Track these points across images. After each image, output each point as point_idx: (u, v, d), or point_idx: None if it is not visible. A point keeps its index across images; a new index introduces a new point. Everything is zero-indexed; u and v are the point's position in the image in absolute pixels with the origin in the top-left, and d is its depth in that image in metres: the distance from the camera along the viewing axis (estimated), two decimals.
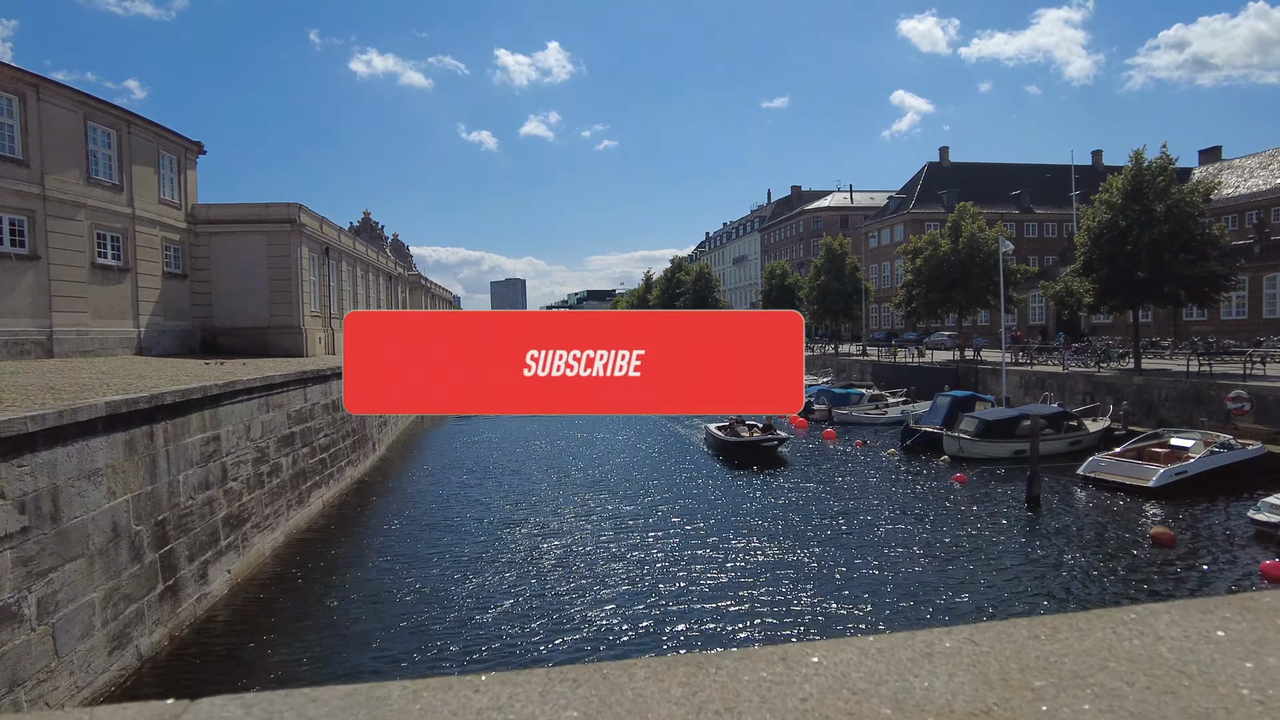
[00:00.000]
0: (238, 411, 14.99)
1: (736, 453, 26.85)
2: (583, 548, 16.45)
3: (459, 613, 12.76)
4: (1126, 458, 21.68)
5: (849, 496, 21.13)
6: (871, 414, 35.27)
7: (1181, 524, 17.46)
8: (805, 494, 21.51)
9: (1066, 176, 59.91)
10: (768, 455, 26.79)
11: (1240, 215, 53.25)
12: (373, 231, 64.02)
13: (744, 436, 27.64)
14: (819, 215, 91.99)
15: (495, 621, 12.42)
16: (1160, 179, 29.16)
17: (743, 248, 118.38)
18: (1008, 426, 25.20)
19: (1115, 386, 29.55)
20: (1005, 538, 17.00)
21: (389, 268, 53.03)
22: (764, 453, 26.76)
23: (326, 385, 21.82)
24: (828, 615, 12.55)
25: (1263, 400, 23.75)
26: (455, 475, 25.08)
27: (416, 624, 12.29)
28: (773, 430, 28.12)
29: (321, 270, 33.69)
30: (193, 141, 28.75)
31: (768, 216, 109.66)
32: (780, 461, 26.60)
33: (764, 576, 14.46)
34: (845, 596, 13.43)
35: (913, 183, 73.73)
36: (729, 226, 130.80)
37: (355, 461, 24.47)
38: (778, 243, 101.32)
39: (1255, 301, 42.21)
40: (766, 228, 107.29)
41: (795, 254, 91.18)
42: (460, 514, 19.81)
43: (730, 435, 27.98)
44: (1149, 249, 28.34)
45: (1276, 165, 55.15)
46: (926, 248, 41.27)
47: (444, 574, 14.88)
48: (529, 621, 12.34)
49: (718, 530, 17.77)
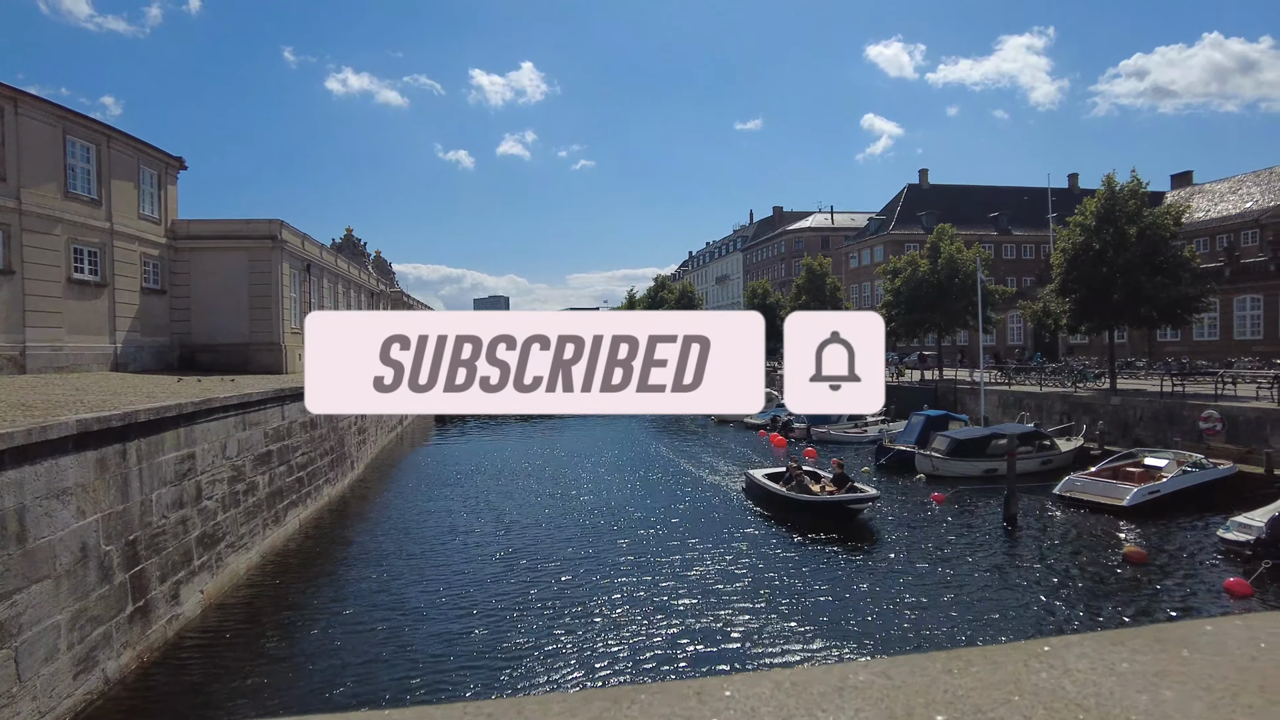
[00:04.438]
0: (213, 429, 14.86)
1: (802, 513, 20.05)
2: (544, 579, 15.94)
3: (423, 642, 12.61)
4: (1101, 477, 21.91)
5: None
6: (851, 432, 35.47)
7: (1154, 543, 17.66)
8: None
9: (1044, 199, 60.87)
10: (848, 520, 19.59)
11: (1212, 238, 54.24)
12: (355, 248, 63.83)
13: (815, 494, 20.46)
14: (800, 236, 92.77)
15: (432, 651, 12.33)
16: (1131, 202, 29.71)
17: (725, 267, 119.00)
18: (979, 445, 25.44)
19: (1091, 406, 29.91)
20: (984, 558, 17.10)
21: (371, 285, 52.88)
22: (845, 516, 19.64)
23: (304, 402, 21.65)
24: (792, 637, 12.56)
25: (1233, 420, 24.12)
26: (435, 498, 24.68)
27: (390, 650, 12.16)
28: (851, 481, 20.88)
29: (303, 287, 33.53)
30: (173, 157, 28.63)
31: (750, 236, 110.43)
32: (865, 534, 19.00)
33: (740, 602, 14.46)
34: (823, 621, 13.45)
35: (893, 204, 74.56)
36: (712, 246, 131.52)
37: (333, 480, 24.26)
38: (760, 262, 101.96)
39: (1226, 323, 42.94)
40: (749, 247, 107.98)
41: (777, 274, 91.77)
42: (438, 538, 19.55)
43: (793, 489, 20.75)
44: (1123, 271, 28.83)
45: (1244, 190, 56.30)
46: (906, 268, 41.71)
47: (419, 599, 14.72)
48: (496, 653, 12.27)
49: (682, 559, 17.73)
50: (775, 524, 20.15)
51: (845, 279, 74.34)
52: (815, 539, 18.49)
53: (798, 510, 20.18)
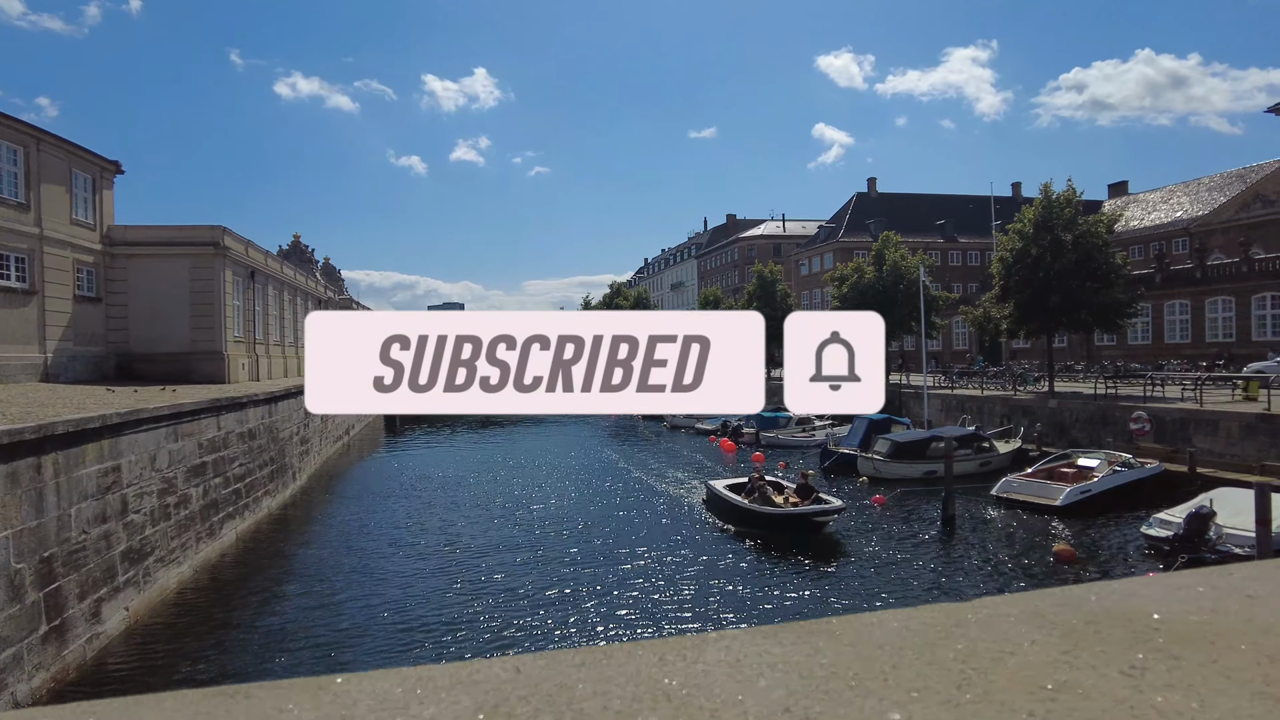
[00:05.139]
0: (142, 441, 14.48)
1: (765, 526, 19.37)
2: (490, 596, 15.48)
3: (362, 659, 12.38)
4: (1037, 478, 22.52)
5: None
6: (799, 436, 35.93)
7: (1084, 541, 18.22)
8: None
9: (988, 207, 62.38)
10: (814, 533, 19.07)
11: (1146, 246, 56.18)
12: (303, 255, 62.89)
13: (779, 505, 19.76)
14: (753, 243, 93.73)
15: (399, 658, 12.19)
16: (1067, 211, 30.64)
17: (680, 274, 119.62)
18: (919, 448, 25.98)
19: (1030, 409, 30.73)
20: (922, 560, 17.45)
21: (319, 292, 52.06)
22: (810, 529, 19.11)
23: (242, 413, 21.25)
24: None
25: (1161, 421, 24.99)
26: (379, 510, 24.22)
27: (326, 669, 11.89)
28: (816, 492, 20.16)
29: (247, 294, 32.88)
30: (109, 161, 27.85)
31: (704, 244, 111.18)
32: (831, 546, 18.65)
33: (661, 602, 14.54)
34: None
35: (842, 212, 75.75)
36: (667, 253, 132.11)
37: (273, 491, 23.79)
38: (714, 269, 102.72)
39: (1158, 327, 44.49)
40: (703, 254, 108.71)
41: (731, 280, 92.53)
42: (380, 551, 19.14)
43: (757, 501, 19.98)
44: (1059, 277, 29.69)
45: (1175, 200, 58.52)
46: (852, 275, 42.45)
47: (358, 614, 14.38)
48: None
49: (639, 579, 17.76)
50: (736, 538, 19.44)
51: (796, 286, 75.28)
52: (774, 554, 17.88)
53: (761, 524, 19.44)
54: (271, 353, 37.14)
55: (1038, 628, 1.36)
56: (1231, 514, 15.78)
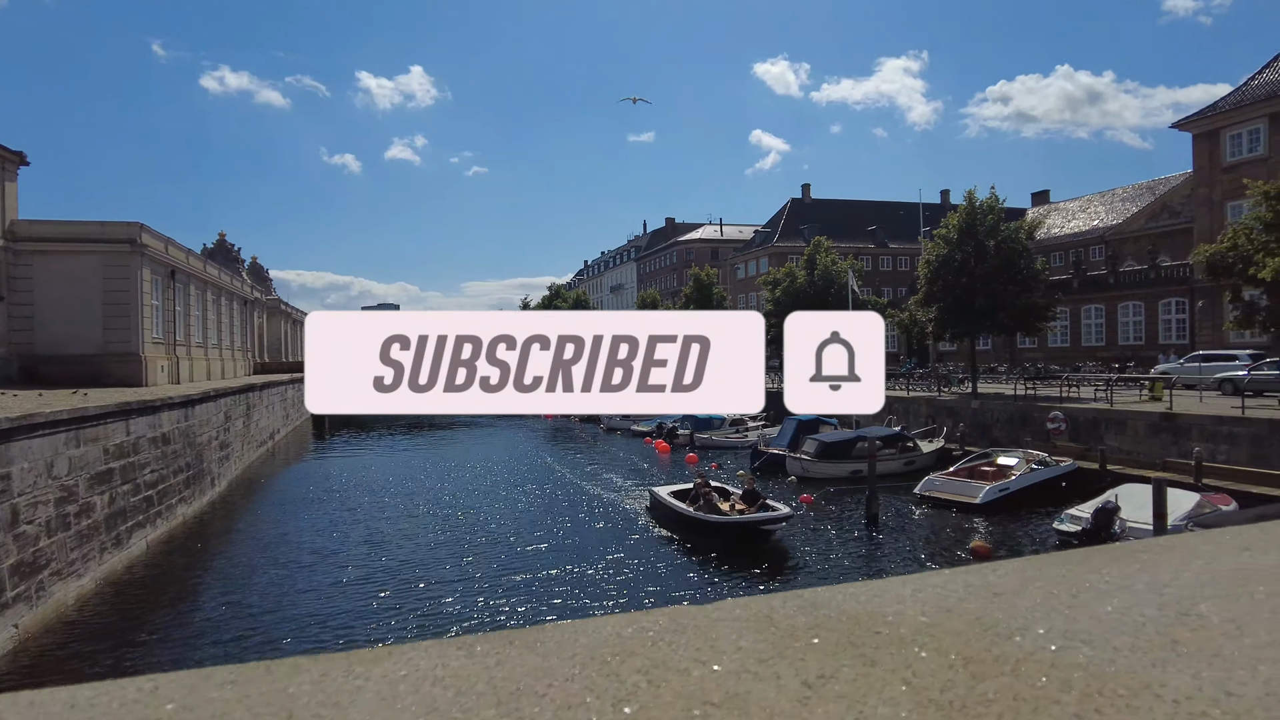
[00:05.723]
0: (36, 447, 13.72)
1: (710, 536, 18.43)
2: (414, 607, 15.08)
3: None
4: (958, 476, 23.15)
5: None
6: (732, 438, 36.25)
7: (999, 537, 18.78)
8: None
9: (918, 213, 64.04)
10: (761, 542, 18.23)
11: (1067, 252, 58.41)
12: (228, 254, 60.62)
13: (726, 513, 18.89)
14: (691, 246, 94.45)
15: None
16: (990, 217, 31.66)
17: (620, 276, 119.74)
18: (845, 448, 26.44)
19: (954, 409, 31.59)
20: (844, 558, 17.74)
21: (245, 292, 50.41)
22: (758, 538, 18.26)
23: (155, 417, 20.35)
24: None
25: (1075, 420, 25.97)
26: (301, 517, 23.30)
27: None
28: (763, 498, 19.54)
29: (166, 294, 31.64)
30: (12, 152, 26.43)
31: (644, 247, 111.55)
32: (781, 553, 18.13)
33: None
34: None
35: (777, 218, 76.92)
36: (607, 255, 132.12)
37: (189, 499, 22.85)
38: (653, 272, 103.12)
39: (1076, 330, 46.35)
40: (642, 257, 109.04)
41: (669, 283, 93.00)
42: (299, 559, 18.41)
43: (702, 509, 19.00)
44: (982, 281, 30.65)
45: (1092, 209, 61.04)
46: (784, 279, 43.10)
47: (273, 627, 13.80)
48: None
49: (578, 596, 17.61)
50: (680, 548, 18.61)
51: (733, 289, 76.08)
52: (716, 562, 17.19)
53: (706, 533, 18.52)
54: (194, 355, 35.80)
55: (757, 632, 1.31)
56: (1135, 508, 16.48)
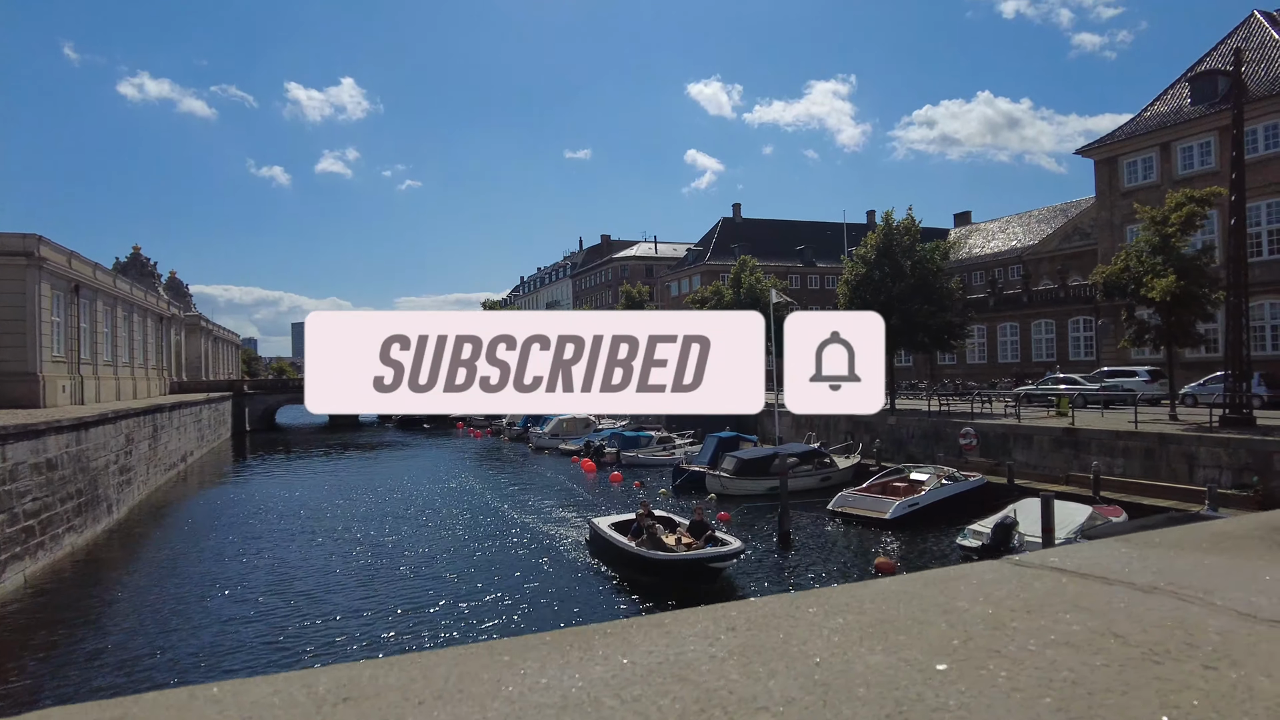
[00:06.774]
0: None
1: (655, 574, 16.62)
2: (317, 646, 14.40)
3: None
4: (870, 492, 23.54)
5: None
6: (659, 456, 36.27)
7: (906, 552, 19.10)
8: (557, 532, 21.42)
9: (843, 233, 65.53)
10: (710, 581, 16.41)
11: (988, 271, 60.44)
12: (143, 269, 58.41)
13: (672, 550, 16.81)
14: (626, 264, 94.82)
15: None
16: (905, 238, 32.52)
17: (556, 293, 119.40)
18: (763, 465, 26.66)
19: (872, 425, 32.14)
20: (756, 574, 17.77)
21: (160, 309, 48.52)
22: (706, 576, 16.41)
23: (38, 441, 19.25)
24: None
25: (986, 436, 26.71)
26: (206, 546, 22.07)
27: None
28: (712, 530, 17.74)
29: (69, 310, 30.25)
30: None
31: (580, 263, 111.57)
32: (730, 588, 16.59)
33: None
34: None
35: (709, 236, 77.96)
36: (543, 271, 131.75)
37: (79, 528, 21.67)
38: (589, 289, 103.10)
39: (992, 347, 47.91)
40: (578, 274, 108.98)
41: (605, 300, 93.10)
42: (199, 592, 17.41)
43: (646, 544, 16.92)
44: (898, 300, 31.41)
45: (1010, 230, 63.39)
46: (712, 298, 43.60)
47: (162, 667, 13.03)
48: None
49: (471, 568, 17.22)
50: (623, 588, 16.90)
51: (666, 307, 76.55)
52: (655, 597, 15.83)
53: (651, 571, 16.67)
54: (101, 374, 34.24)
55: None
56: (1031, 523, 16.92)
